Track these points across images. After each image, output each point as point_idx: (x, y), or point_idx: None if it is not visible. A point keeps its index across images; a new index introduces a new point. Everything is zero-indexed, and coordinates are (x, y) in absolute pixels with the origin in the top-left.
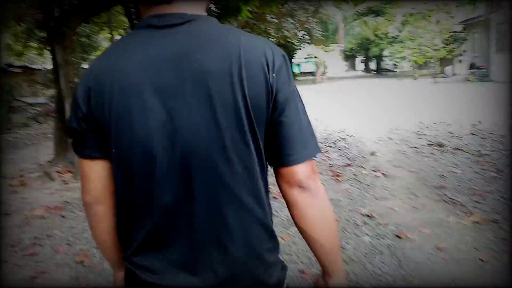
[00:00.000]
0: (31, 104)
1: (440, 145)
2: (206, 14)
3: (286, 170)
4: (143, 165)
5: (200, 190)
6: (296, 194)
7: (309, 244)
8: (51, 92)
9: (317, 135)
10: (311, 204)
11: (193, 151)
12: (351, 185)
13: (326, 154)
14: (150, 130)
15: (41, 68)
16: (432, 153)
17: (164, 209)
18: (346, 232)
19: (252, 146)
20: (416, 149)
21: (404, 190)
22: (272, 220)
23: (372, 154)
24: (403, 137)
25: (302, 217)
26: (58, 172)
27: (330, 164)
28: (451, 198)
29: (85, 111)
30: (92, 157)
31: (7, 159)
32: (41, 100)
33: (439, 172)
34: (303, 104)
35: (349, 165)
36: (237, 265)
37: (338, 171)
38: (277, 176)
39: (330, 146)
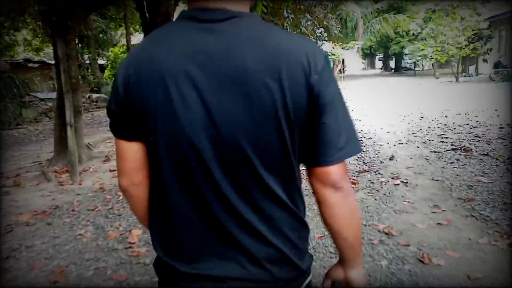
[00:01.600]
0: (42, 99)
1: (466, 149)
2: (249, 11)
3: (320, 170)
4: (180, 155)
5: (234, 184)
6: (329, 194)
7: (335, 239)
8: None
9: None
10: (343, 204)
11: (228, 147)
12: (367, 194)
13: None
14: (188, 122)
15: (48, 63)
16: (457, 159)
17: (199, 200)
18: None
19: (287, 145)
20: (439, 153)
21: (426, 202)
22: (305, 213)
23: (391, 158)
24: (425, 140)
25: (334, 216)
26: (55, 171)
27: None
28: (481, 214)
29: (123, 97)
30: (127, 138)
31: (9, 156)
32: (52, 95)
33: (466, 181)
34: (345, 105)
35: (365, 171)
36: (275, 252)
37: (353, 177)
38: (310, 174)
39: None
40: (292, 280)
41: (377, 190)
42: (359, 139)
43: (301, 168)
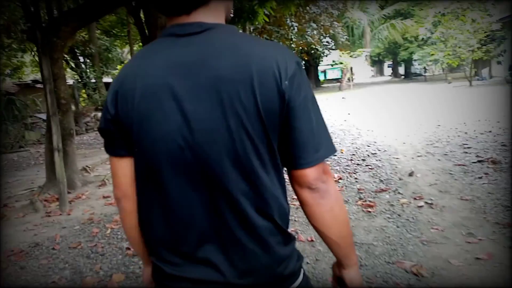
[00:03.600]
0: (45, 121)
1: (494, 161)
2: (224, 23)
3: (297, 173)
4: (161, 164)
5: (211, 191)
6: (305, 195)
7: (322, 238)
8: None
9: (344, 149)
10: (321, 204)
11: (206, 154)
12: (388, 221)
13: (354, 176)
14: (168, 132)
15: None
16: (485, 173)
17: (179, 207)
18: None
19: (263, 150)
20: (464, 167)
21: (458, 229)
22: (287, 215)
23: (411, 174)
24: (446, 151)
25: (312, 215)
26: (45, 200)
27: (359, 188)
28: None
29: (113, 114)
30: (119, 155)
31: (3, 183)
32: None
33: (500, 200)
34: (318, 108)
35: (383, 190)
36: (252, 259)
37: (369, 199)
38: (290, 177)
39: (359, 164)
40: (272, 285)
41: (399, 215)
42: (369, 155)
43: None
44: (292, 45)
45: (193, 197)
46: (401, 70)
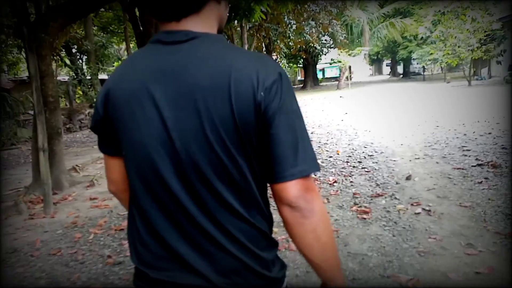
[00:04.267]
0: None
1: (494, 165)
2: (215, 32)
3: (276, 187)
4: (144, 169)
5: (192, 198)
6: (286, 213)
7: (306, 260)
8: (62, 104)
9: (340, 150)
10: (302, 223)
11: (184, 161)
12: (383, 229)
13: (350, 179)
14: (149, 137)
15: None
16: (485, 178)
17: (163, 210)
18: None
19: (240, 159)
20: (463, 170)
21: (457, 239)
22: (268, 223)
23: (408, 178)
24: (444, 153)
25: (293, 235)
26: (30, 201)
27: (354, 192)
28: None
29: (102, 115)
30: (110, 154)
31: None
32: None
33: (501, 207)
34: (301, 121)
35: (379, 195)
36: (236, 262)
37: (364, 204)
38: (272, 193)
39: (355, 167)
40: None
41: (395, 222)
42: (365, 156)
43: None
44: (290, 43)
45: (174, 203)
46: (400, 69)
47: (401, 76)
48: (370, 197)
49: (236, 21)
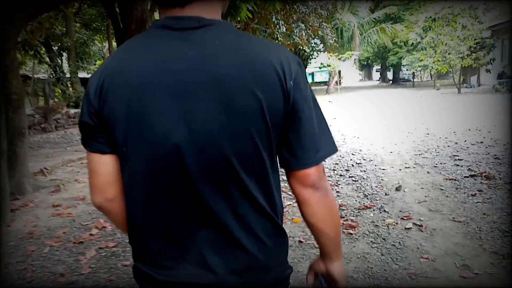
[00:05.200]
0: None
1: (488, 176)
2: (221, 19)
3: (300, 173)
4: (156, 165)
5: (216, 192)
6: (309, 195)
7: (316, 236)
8: (41, 103)
9: (327, 159)
10: (322, 202)
11: (206, 154)
12: (371, 246)
13: (336, 188)
14: (164, 132)
15: (30, 76)
16: (479, 190)
17: (177, 208)
18: None
19: (264, 150)
20: (455, 182)
21: (452, 259)
22: (282, 219)
23: (398, 189)
24: (435, 163)
25: (314, 214)
26: None
27: (341, 204)
28: None
29: (97, 107)
30: (102, 152)
31: None
32: (26, 111)
33: (497, 223)
34: (319, 108)
35: (367, 207)
36: (251, 259)
37: (351, 217)
38: (290, 177)
39: (342, 175)
40: (269, 286)
41: (384, 239)
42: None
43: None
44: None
45: (189, 199)
46: (390, 75)
47: (391, 82)
48: (357, 209)
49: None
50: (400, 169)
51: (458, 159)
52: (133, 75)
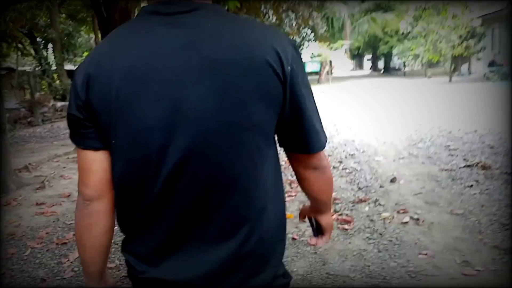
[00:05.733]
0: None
1: (484, 166)
2: (211, 2)
3: (304, 156)
4: (147, 156)
5: (208, 181)
6: (310, 174)
7: (311, 201)
8: (27, 96)
9: None
10: (320, 179)
11: (201, 141)
12: (367, 242)
13: None
14: (156, 119)
15: (14, 68)
16: (476, 180)
17: (172, 203)
18: None
19: (261, 135)
20: (451, 172)
21: (451, 254)
22: (284, 209)
23: (393, 181)
24: (430, 153)
25: (311, 188)
26: None
27: (334, 198)
28: None
29: (84, 99)
30: (93, 148)
31: None
32: (11, 104)
33: (496, 215)
34: (313, 93)
35: (362, 200)
36: (248, 254)
37: (346, 211)
38: (291, 158)
39: (335, 167)
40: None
41: (380, 234)
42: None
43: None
44: None
45: (182, 192)
46: (381, 64)
47: (382, 71)
48: (352, 203)
49: None
50: (394, 160)
51: (453, 149)
52: (121, 62)
